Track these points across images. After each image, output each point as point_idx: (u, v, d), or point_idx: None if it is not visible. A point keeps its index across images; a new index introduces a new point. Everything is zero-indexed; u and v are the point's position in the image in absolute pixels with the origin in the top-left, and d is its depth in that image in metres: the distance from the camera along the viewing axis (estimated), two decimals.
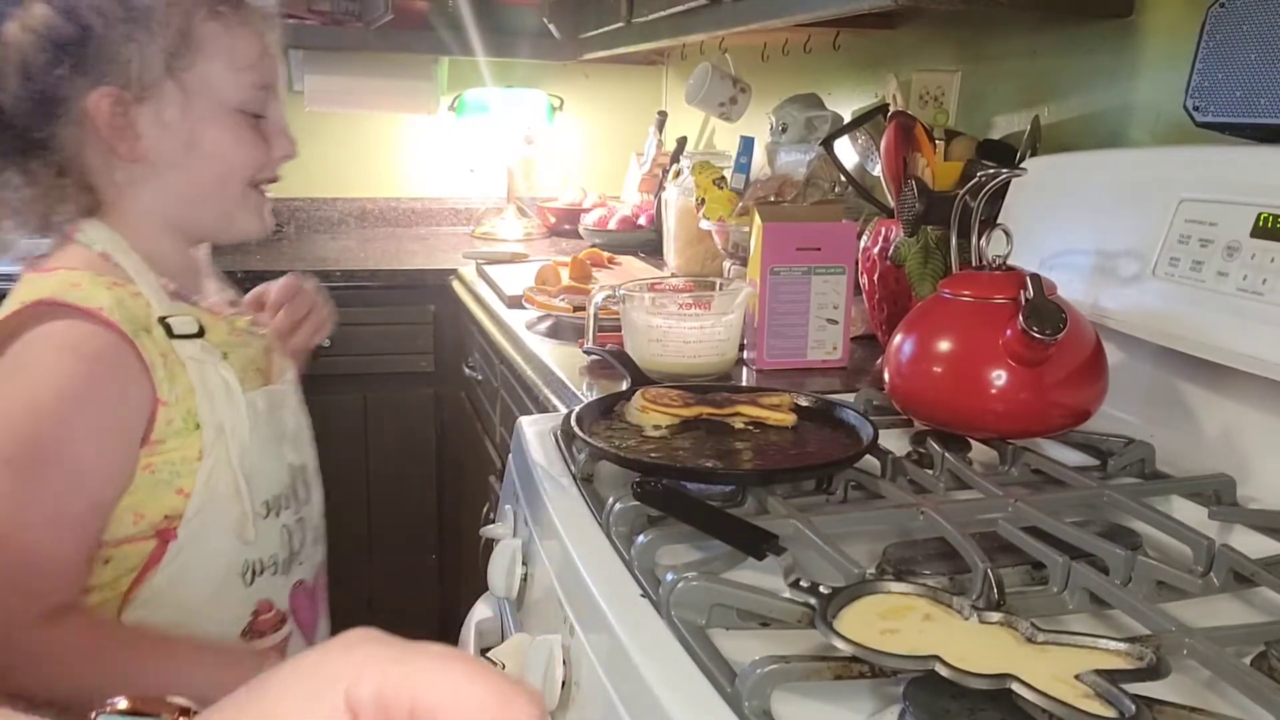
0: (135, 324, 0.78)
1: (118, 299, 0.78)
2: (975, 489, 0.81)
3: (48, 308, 0.76)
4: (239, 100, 0.84)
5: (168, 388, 0.78)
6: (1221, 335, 0.85)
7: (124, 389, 0.76)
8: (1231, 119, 0.93)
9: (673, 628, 0.60)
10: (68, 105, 0.78)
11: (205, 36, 0.81)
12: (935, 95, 1.55)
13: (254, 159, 0.87)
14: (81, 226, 0.82)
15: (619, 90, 2.90)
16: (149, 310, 0.80)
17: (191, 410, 0.80)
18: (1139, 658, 0.51)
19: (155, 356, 0.78)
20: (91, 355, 0.75)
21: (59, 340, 0.75)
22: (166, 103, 0.80)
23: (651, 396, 0.91)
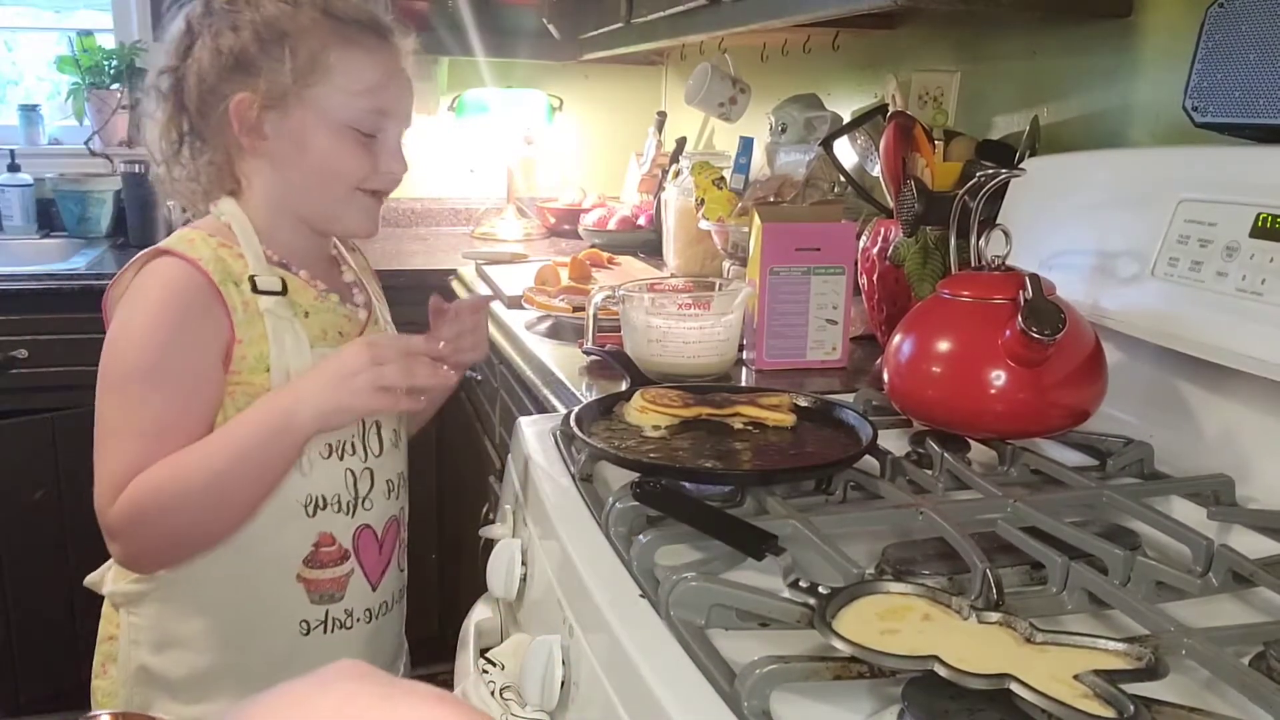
0: (227, 276, 0.94)
1: (218, 256, 0.95)
2: (974, 489, 0.81)
3: (160, 254, 0.95)
4: (350, 119, 0.97)
5: (245, 329, 0.94)
6: (1220, 335, 0.85)
7: (207, 319, 0.93)
8: (1230, 119, 0.93)
9: (672, 628, 0.60)
10: (223, 103, 0.95)
11: (331, 63, 0.95)
12: (934, 95, 1.55)
13: (356, 170, 0.98)
14: (220, 201, 1.00)
15: (619, 90, 2.90)
16: (245, 269, 0.96)
17: (264, 353, 0.95)
18: (1138, 658, 0.51)
19: (237, 302, 0.94)
20: (182, 289, 0.93)
21: (160, 276, 0.94)
22: (290, 111, 0.95)
23: (651, 397, 0.91)
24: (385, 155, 1.00)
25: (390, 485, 1.05)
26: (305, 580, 0.98)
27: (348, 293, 1.08)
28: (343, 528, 1.00)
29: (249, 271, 0.96)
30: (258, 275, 0.96)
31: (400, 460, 1.08)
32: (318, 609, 0.99)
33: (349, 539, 1.00)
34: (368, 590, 1.02)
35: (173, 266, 0.94)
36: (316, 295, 1.02)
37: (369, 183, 1.00)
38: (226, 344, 0.94)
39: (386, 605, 1.05)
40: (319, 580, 0.98)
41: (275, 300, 0.97)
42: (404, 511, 1.09)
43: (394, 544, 1.06)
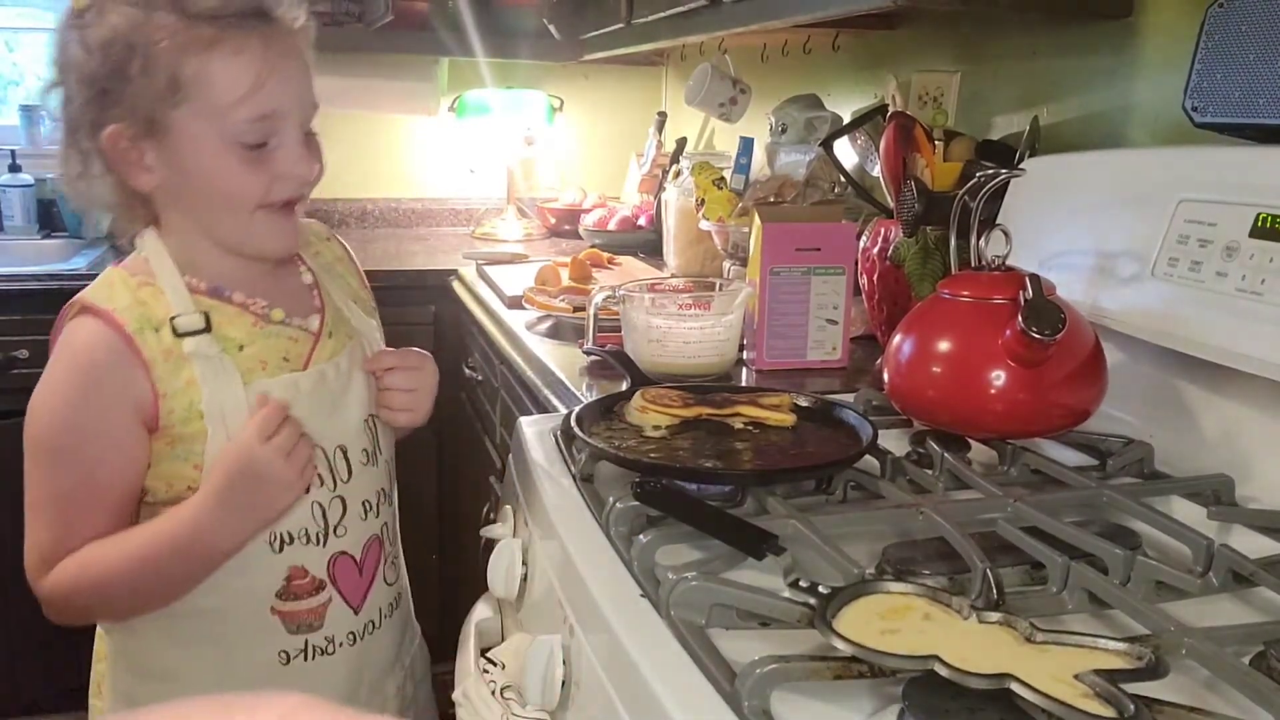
0: (146, 323, 0.88)
1: (139, 299, 0.89)
2: (975, 489, 0.81)
3: (77, 308, 0.89)
4: (229, 134, 0.86)
5: (168, 381, 0.87)
6: (1220, 335, 0.85)
7: (118, 383, 0.87)
8: (1230, 119, 0.93)
9: (672, 628, 0.60)
10: (96, 138, 0.87)
11: (191, 76, 0.84)
12: (934, 96, 1.55)
13: (249, 190, 0.88)
14: (142, 233, 0.93)
15: (619, 91, 2.90)
16: (168, 308, 0.89)
17: (195, 400, 0.88)
18: (1138, 657, 0.51)
19: (156, 353, 0.87)
20: (90, 355, 0.87)
21: (71, 342, 0.88)
22: (164, 138, 0.86)
23: (651, 397, 0.91)
24: (282, 161, 0.89)
25: (367, 505, 0.98)
26: (280, 612, 0.93)
27: (300, 303, 0.98)
28: (315, 559, 0.94)
29: (172, 311, 0.89)
30: (179, 315, 0.88)
31: (379, 476, 1.01)
32: (296, 639, 0.94)
33: (323, 569, 0.94)
34: (350, 615, 0.97)
35: (83, 329, 0.87)
36: (255, 320, 0.93)
37: (271, 196, 0.89)
38: (146, 404, 0.87)
39: (373, 624, 0.99)
40: (294, 611, 0.93)
41: (200, 339, 0.88)
42: (388, 526, 1.03)
43: (377, 562, 1.00)
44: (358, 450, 0.97)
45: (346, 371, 0.97)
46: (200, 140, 0.86)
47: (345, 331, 1.00)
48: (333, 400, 0.95)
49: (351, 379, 0.98)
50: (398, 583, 1.05)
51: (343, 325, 1.00)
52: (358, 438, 0.97)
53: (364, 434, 0.98)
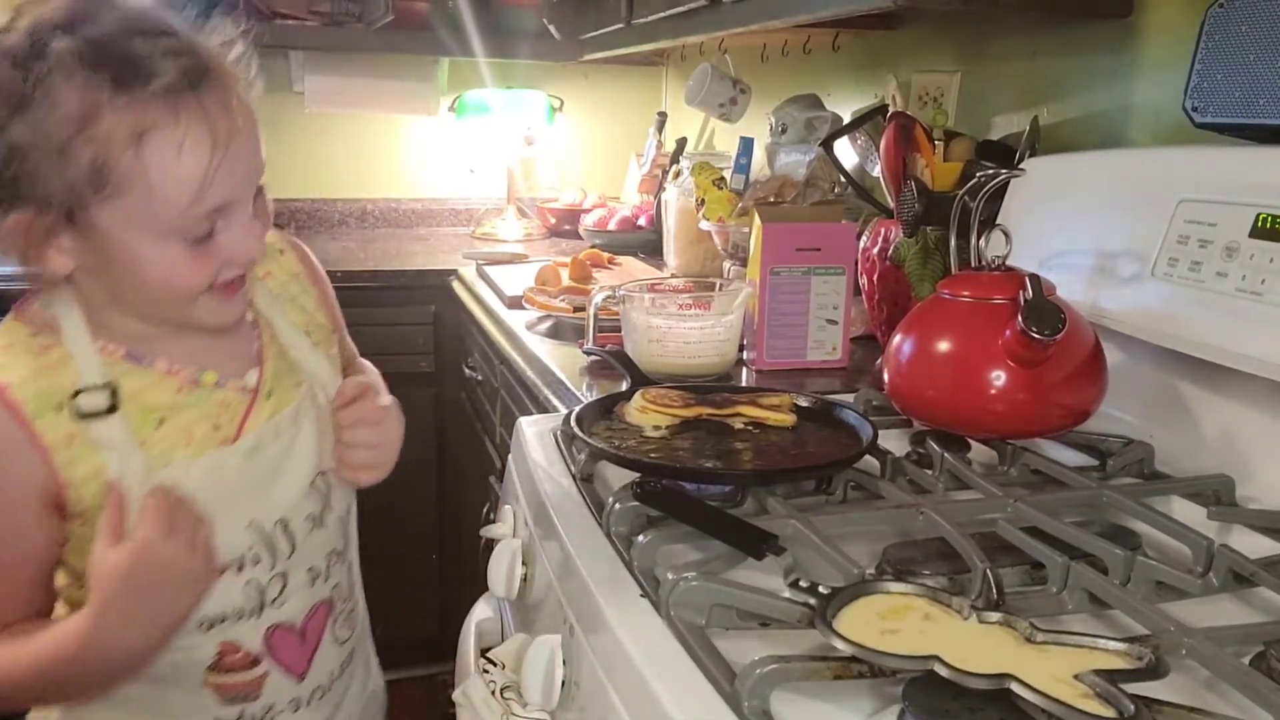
0: (46, 399, 0.76)
1: (40, 368, 0.76)
2: (975, 489, 0.81)
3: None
4: (171, 231, 0.73)
5: (72, 468, 0.76)
6: (1220, 335, 0.85)
7: (18, 473, 0.76)
8: (1230, 119, 0.93)
9: (672, 628, 0.60)
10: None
11: (126, 171, 0.70)
12: (934, 96, 1.55)
13: (193, 280, 0.76)
14: (52, 288, 0.79)
15: (619, 91, 2.90)
16: (74, 379, 0.77)
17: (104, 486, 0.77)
18: (1138, 658, 0.51)
19: (59, 438, 0.76)
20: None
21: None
22: (91, 230, 0.72)
23: (651, 397, 0.91)
24: (229, 245, 0.76)
25: (315, 572, 0.88)
26: (214, 685, 0.85)
27: (237, 356, 0.86)
28: (248, 634, 0.84)
29: (79, 380, 0.77)
30: (83, 393, 0.76)
31: (330, 537, 0.90)
32: (232, 709, 0.86)
33: (258, 643, 0.85)
34: (292, 684, 0.88)
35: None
36: (181, 386, 0.81)
37: (218, 280, 0.78)
38: (50, 490, 0.76)
39: (323, 689, 0.90)
40: (229, 684, 0.85)
41: (106, 423, 0.77)
42: (341, 585, 0.92)
43: (323, 626, 0.90)
44: (301, 518, 0.87)
45: (290, 430, 0.86)
46: (133, 236, 0.73)
47: (291, 382, 0.88)
48: (271, 469, 0.84)
49: (297, 438, 0.87)
50: (352, 637, 0.95)
51: (288, 377, 0.88)
52: (302, 505, 0.87)
53: (310, 498, 0.87)
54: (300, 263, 0.95)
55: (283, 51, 2.57)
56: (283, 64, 2.59)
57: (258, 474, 0.84)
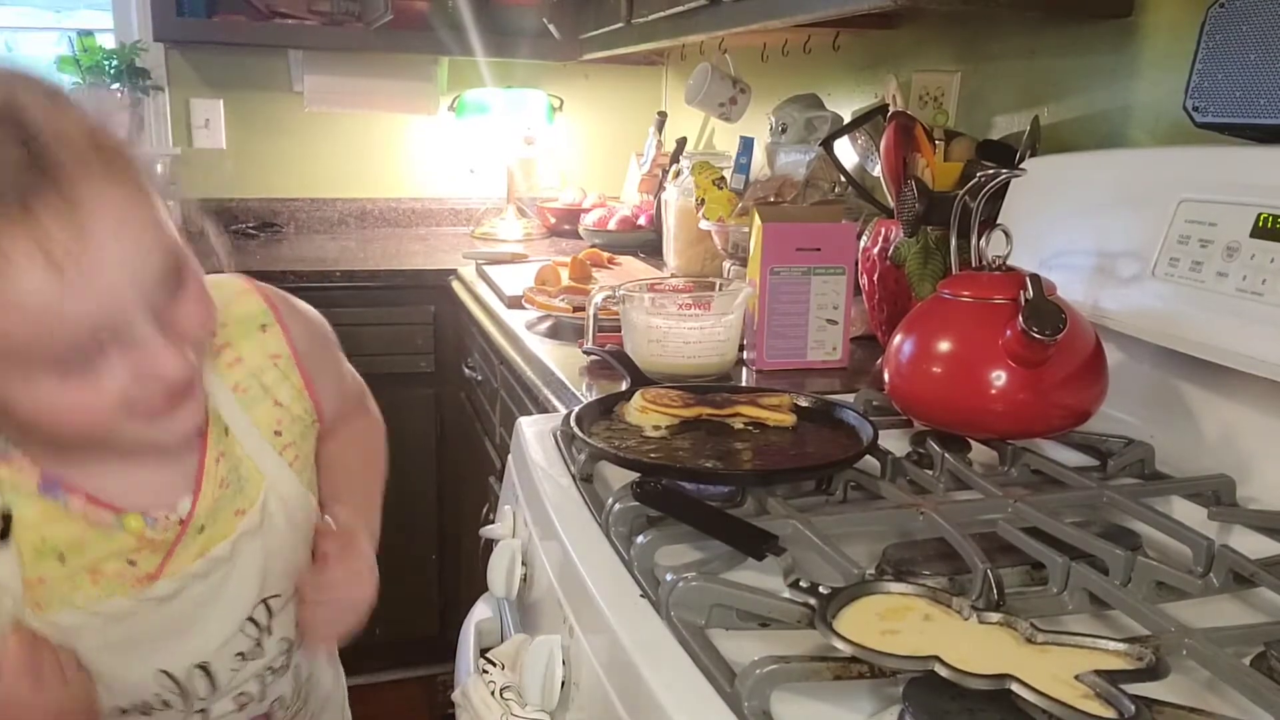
0: None
1: None
2: (975, 489, 0.81)
3: None
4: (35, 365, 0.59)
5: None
6: (1221, 336, 0.85)
7: None
8: (1231, 119, 0.93)
9: (672, 628, 0.60)
10: None
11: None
12: (935, 95, 1.55)
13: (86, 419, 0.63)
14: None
15: (619, 90, 2.90)
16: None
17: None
18: (1138, 658, 0.51)
19: None
20: None
21: None
22: None
23: (651, 397, 0.91)
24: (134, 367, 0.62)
25: (244, 698, 0.80)
26: None
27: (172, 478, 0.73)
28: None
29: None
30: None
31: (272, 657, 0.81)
32: None
33: None
34: None
35: None
36: (90, 524, 0.69)
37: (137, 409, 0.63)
38: None
39: None
40: None
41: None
42: (285, 697, 0.84)
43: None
44: (228, 657, 0.76)
45: (223, 568, 0.75)
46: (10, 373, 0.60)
47: (233, 508, 0.75)
48: (191, 612, 0.74)
49: (231, 574, 0.75)
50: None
51: (231, 502, 0.75)
52: (231, 643, 0.76)
53: (242, 636, 0.77)
54: (285, 342, 0.79)
55: (282, 51, 2.57)
56: (282, 63, 2.59)
57: (174, 619, 0.73)
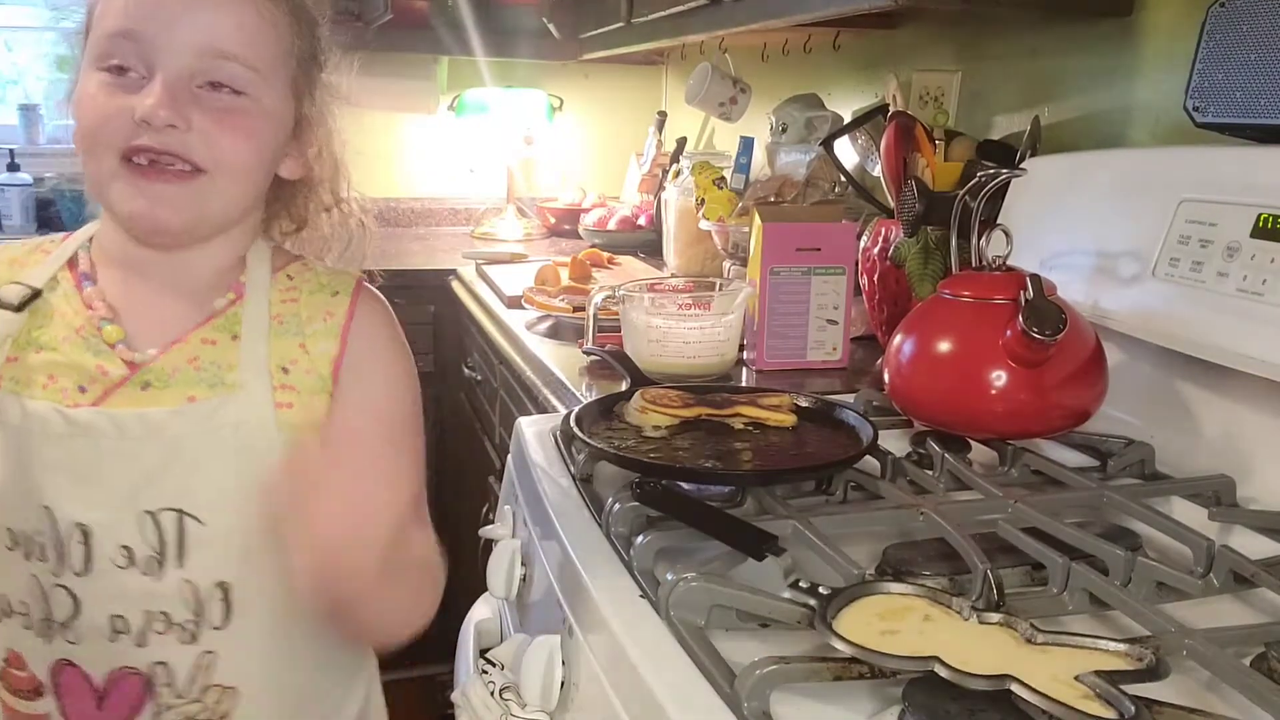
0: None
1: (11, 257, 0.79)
2: (975, 490, 0.81)
3: None
4: (95, 56, 0.71)
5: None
6: (1221, 336, 0.85)
7: None
8: (1231, 119, 0.93)
9: (672, 628, 0.60)
10: None
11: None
12: (935, 95, 1.55)
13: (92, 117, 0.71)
14: None
15: (619, 90, 2.90)
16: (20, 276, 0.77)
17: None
18: (1138, 659, 0.51)
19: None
20: None
21: None
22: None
23: (651, 397, 0.91)
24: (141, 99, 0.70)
25: (119, 624, 0.73)
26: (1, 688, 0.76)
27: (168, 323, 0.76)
28: (36, 653, 0.74)
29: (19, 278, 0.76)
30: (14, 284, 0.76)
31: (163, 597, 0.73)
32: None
33: (43, 669, 0.74)
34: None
35: None
36: (85, 323, 0.75)
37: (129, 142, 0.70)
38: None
39: None
40: (10, 705, 0.76)
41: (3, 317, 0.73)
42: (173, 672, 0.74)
43: (135, 708, 0.74)
44: (110, 543, 0.72)
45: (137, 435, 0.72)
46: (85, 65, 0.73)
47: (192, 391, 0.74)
48: (96, 462, 0.72)
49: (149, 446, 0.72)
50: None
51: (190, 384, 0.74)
52: (117, 527, 0.72)
53: (136, 527, 0.72)
54: (345, 312, 0.80)
55: None
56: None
57: (79, 458, 0.72)
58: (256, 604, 0.76)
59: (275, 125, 0.77)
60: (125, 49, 0.70)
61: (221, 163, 0.73)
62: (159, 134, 0.70)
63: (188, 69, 0.71)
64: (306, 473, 0.65)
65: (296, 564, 0.64)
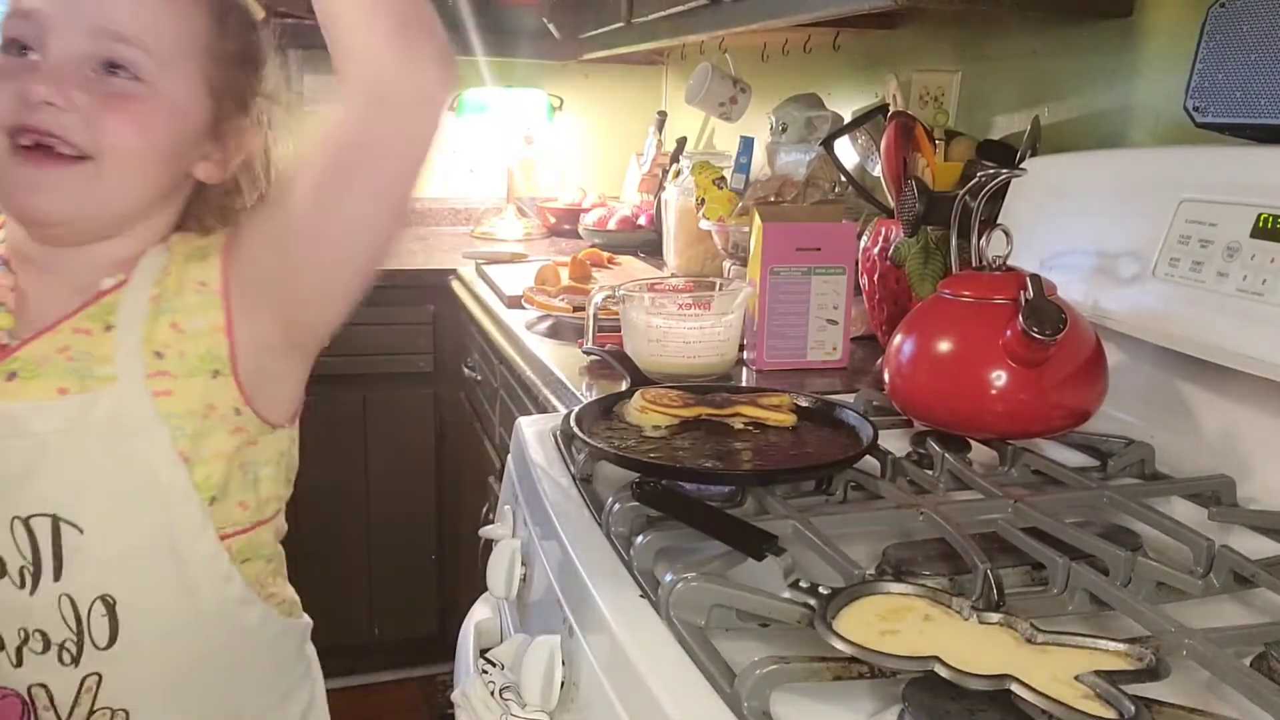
0: None
1: None
2: (975, 490, 0.81)
3: None
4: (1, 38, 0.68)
5: None
6: (1221, 336, 0.85)
7: None
8: (1231, 119, 0.93)
9: (672, 628, 0.60)
10: None
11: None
12: (935, 95, 1.55)
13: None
14: None
15: (619, 90, 2.90)
16: None
17: None
18: (1138, 659, 0.51)
19: None
20: None
21: None
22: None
23: (651, 397, 0.91)
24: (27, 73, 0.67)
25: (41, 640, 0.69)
26: None
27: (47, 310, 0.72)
28: None
29: None
30: None
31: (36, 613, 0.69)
32: None
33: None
34: None
35: None
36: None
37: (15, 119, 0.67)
38: None
39: None
40: None
41: None
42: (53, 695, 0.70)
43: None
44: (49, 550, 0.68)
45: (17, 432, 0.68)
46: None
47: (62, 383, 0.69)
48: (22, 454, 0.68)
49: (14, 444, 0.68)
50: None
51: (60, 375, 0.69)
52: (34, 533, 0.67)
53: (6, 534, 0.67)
54: (219, 273, 0.73)
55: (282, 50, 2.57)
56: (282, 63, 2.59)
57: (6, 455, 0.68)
58: (146, 621, 0.70)
59: (177, 119, 0.72)
60: (23, 28, 0.68)
61: (105, 147, 0.69)
62: (35, 111, 0.67)
63: (80, 50, 0.68)
64: None
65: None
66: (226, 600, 0.74)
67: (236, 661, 0.77)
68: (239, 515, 0.75)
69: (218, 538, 0.73)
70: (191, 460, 0.71)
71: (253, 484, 0.76)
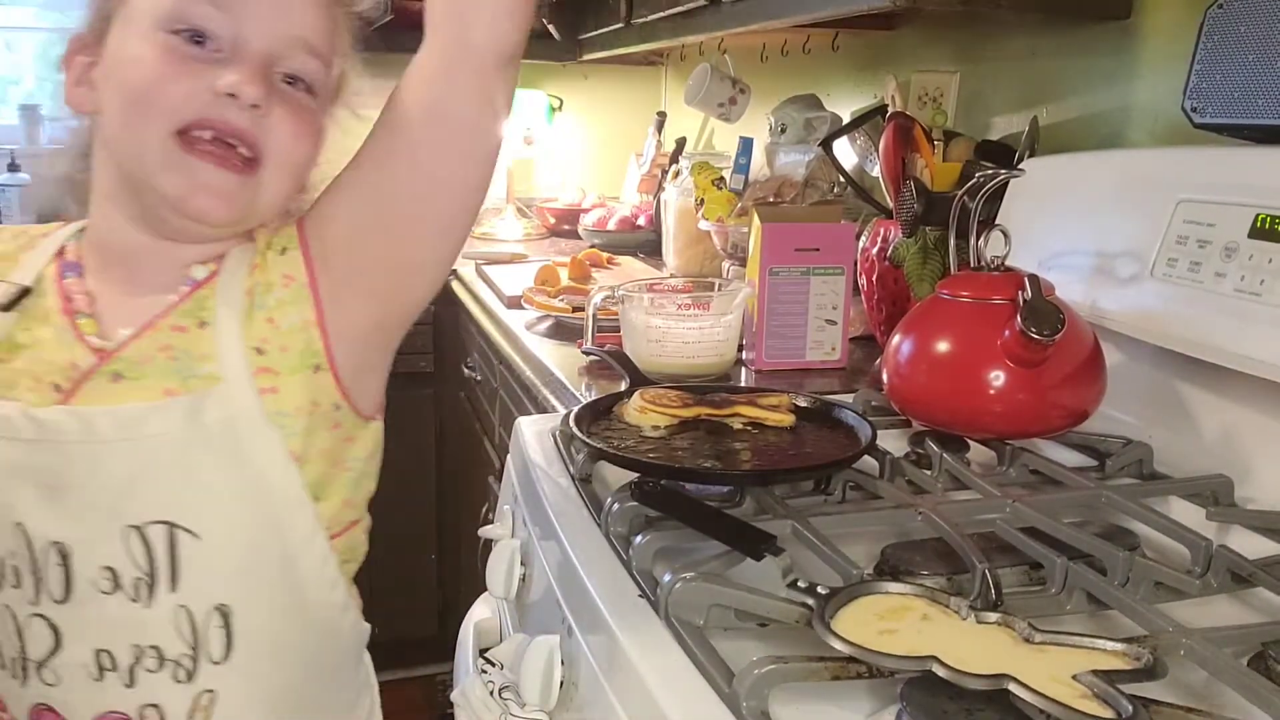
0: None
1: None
2: (973, 489, 0.81)
3: None
4: (164, 15, 0.63)
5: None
6: (1219, 336, 0.85)
7: None
8: (1229, 120, 0.93)
9: (671, 628, 0.60)
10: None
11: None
12: (934, 96, 1.55)
13: (164, 88, 0.63)
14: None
15: (618, 91, 2.90)
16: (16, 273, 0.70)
17: None
18: (1136, 658, 0.51)
19: None
20: None
21: None
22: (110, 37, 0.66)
23: (650, 397, 0.91)
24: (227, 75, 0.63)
25: (105, 660, 0.65)
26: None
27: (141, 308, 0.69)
28: (14, 695, 0.67)
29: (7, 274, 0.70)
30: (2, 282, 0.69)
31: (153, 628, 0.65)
32: None
33: (21, 716, 0.67)
34: None
35: None
36: (64, 313, 0.68)
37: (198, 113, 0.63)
38: None
39: None
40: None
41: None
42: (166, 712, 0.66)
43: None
44: (91, 564, 0.64)
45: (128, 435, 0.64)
46: (133, 25, 0.64)
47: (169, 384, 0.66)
48: (65, 469, 0.64)
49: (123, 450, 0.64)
50: None
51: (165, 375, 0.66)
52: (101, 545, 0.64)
53: (120, 544, 0.64)
54: (304, 267, 0.70)
55: None
56: None
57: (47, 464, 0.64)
58: (260, 632, 0.68)
59: (323, 135, 0.73)
60: (213, 17, 0.64)
61: (281, 160, 0.68)
62: (240, 113, 0.64)
63: (277, 55, 0.67)
64: None
65: None
66: (331, 606, 0.73)
67: (331, 669, 0.76)
68: (343, 514, 0.73)
69: (328, 540, 0.71)
70: (302, 460, 0.68)
71: (353, 481, 0.74)
